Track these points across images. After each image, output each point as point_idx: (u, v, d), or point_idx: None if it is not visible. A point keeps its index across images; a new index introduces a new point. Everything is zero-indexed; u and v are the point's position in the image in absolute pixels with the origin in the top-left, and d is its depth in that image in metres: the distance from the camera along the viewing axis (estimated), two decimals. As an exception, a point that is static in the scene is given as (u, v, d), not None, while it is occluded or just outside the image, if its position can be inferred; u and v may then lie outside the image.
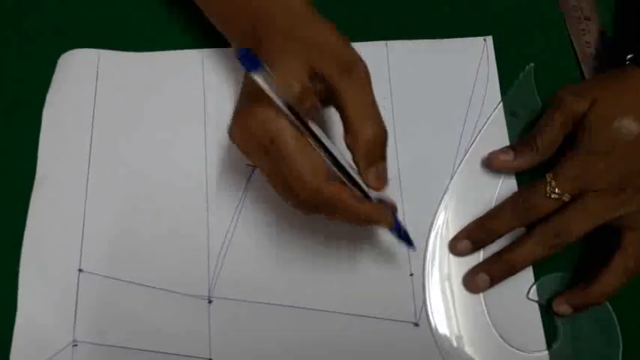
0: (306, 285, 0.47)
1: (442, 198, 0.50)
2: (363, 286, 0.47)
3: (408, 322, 0.46)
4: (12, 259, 0.47)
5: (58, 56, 0.53)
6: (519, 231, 0.48)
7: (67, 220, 0.48)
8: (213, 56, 0.53)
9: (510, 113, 0.52)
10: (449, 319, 0.47)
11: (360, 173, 0.41)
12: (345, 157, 0.41)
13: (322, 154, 0.40)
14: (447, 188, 0.50)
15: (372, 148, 0.41)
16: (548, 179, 0.45)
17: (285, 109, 0.39)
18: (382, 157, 0.41)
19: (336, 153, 0.40)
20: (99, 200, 0.49)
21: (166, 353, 0.45)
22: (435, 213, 0.49)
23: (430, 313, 0.47)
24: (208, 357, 0.45)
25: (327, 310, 0.46)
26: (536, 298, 0.47)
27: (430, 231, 0.49)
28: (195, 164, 0.50)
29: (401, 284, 0.47)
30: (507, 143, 0.51)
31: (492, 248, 0.48)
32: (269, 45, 0.42)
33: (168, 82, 0.52)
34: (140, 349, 0.45)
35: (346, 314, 0.46)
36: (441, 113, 0.52)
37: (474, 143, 0.51)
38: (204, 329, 0.46)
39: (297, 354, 0.46)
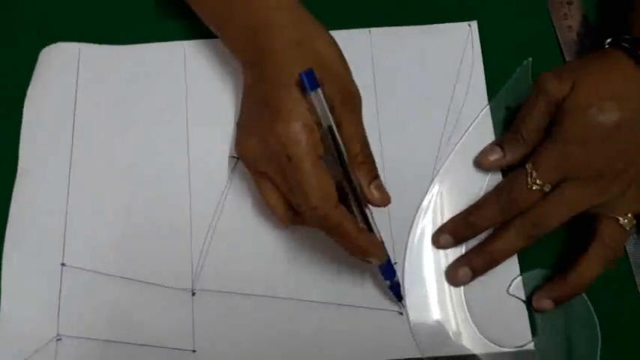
0: (290, 276, 0.47)
1: (428, 188, 0.49)
2: (347, 276, 0.47)
3: (393, 310, 0.46)
4: (-6, 254, 0.47)
5: (39, 50, 0.52)
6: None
7: (49, 214, 0.48)
8: (195, 48, 0.53)
9: (505, 107, 0.51)
10: (428, 309, 0.47)
11: (363, 191, 0.43)
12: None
13: (342, 176, 0.42)
14: (433, 179, 0.49)
15: (369, 168, 0.43)
16: (529, 170, 0.45)
17: (326, 128, 0.41)
18: (377, 176, 0.44)
19: (353, 177, 0.42)
20: (81, 194, 0.49)
21: (150, 346, 0.45)
22: (420, 202, 0.49)
23: (408, 303, 0.47)
24: (192, 349, 0.45)
25: (311, 300, 0.47)
26: (516, 294, 0.47)
27: (414, 220, 0.49)
28: (178, 156, 0.50)
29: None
30: (493, 133, 0.51)
31: (473, 240, 0.48)
32: (275, 56, 0.43)
33: (150, 75, 0.52)
34: (124, 342, 0.45)
35: (330, 304, 0.46)
36: (426, 99, 0.52)
37: (463, 137, 0.50)
38: (188, 321, 0.46)
39: (281, 344, 0.46)
